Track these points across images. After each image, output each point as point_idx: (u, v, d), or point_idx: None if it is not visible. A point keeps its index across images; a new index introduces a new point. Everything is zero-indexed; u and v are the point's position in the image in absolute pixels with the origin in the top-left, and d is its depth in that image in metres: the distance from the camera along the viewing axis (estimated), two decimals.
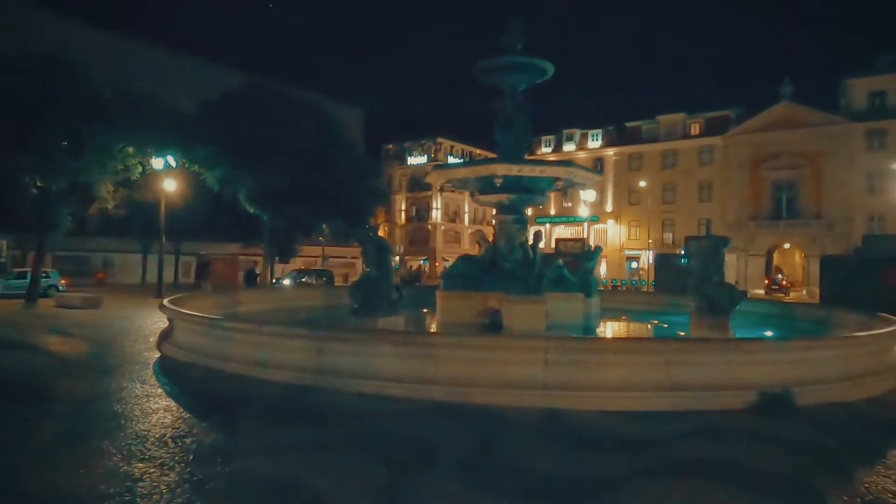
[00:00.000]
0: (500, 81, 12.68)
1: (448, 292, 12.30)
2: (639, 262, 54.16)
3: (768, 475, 4.75)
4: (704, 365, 7.08)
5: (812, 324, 12.99)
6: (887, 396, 7.91)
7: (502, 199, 12.46)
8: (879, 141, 45.71)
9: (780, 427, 6.15)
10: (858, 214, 45.71)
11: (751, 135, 50.04)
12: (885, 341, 8.94)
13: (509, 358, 7.02)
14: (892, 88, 46.15)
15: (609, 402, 6.69)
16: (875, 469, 5.00)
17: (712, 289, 10.78)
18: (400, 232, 68.53)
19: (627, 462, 4.96)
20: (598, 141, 59.81)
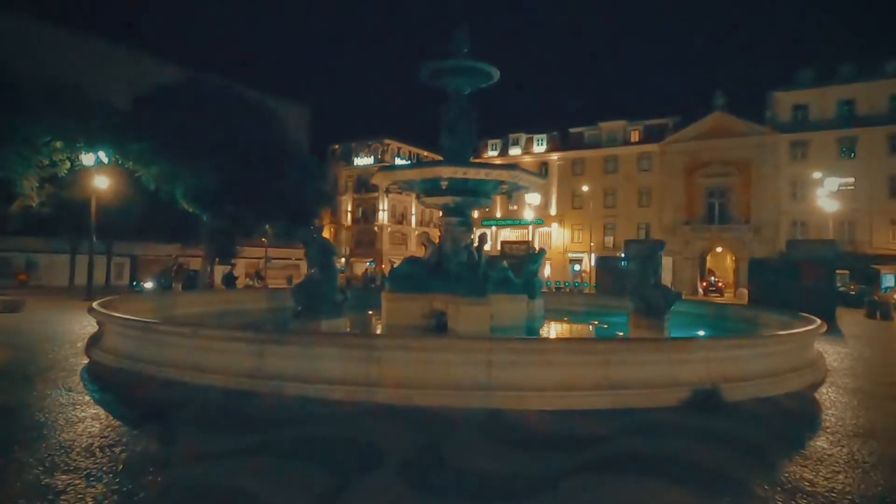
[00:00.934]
0: (445, 84, 12.74)
1: (393, 294, 12.25)
2: (581, 265, 55.55)
3: (698, 468, 4.96)
4: (641, 364, 7.33)
5: (741, 323, 13.69)
6: (807, 391, 8.42)
7: (448, 202, 12.52)
8: (802, 151, 48.67)
9: (710, 422, 6.44)
10: (783, 220, 48.51)
11: (686, 143, 52.32)
12: (805, 340, 9.54)
13: (453, 359, 7.05)
14: (813, 102, 49.23)
15: (551, 401, 6.83)
16: (794, 459, 5.31)
17: (649, 290, 11.18)
18: (346, 233, 67.75)
19: (567, 459, 5.07)
20: (543, 146, 61.02)
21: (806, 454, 5.48)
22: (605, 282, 30.69)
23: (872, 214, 45.88)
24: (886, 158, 45.84)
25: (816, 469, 5.03)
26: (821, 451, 5.55)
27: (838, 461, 5.26)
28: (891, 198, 45.65)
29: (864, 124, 46.48)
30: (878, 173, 45.88)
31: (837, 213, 41.45)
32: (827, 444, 5.79)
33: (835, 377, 9.69)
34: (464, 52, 12.19)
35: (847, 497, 4.41)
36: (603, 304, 17.97)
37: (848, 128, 47.00)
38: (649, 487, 4.48)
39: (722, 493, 4.40)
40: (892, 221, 45.61)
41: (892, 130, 45.67)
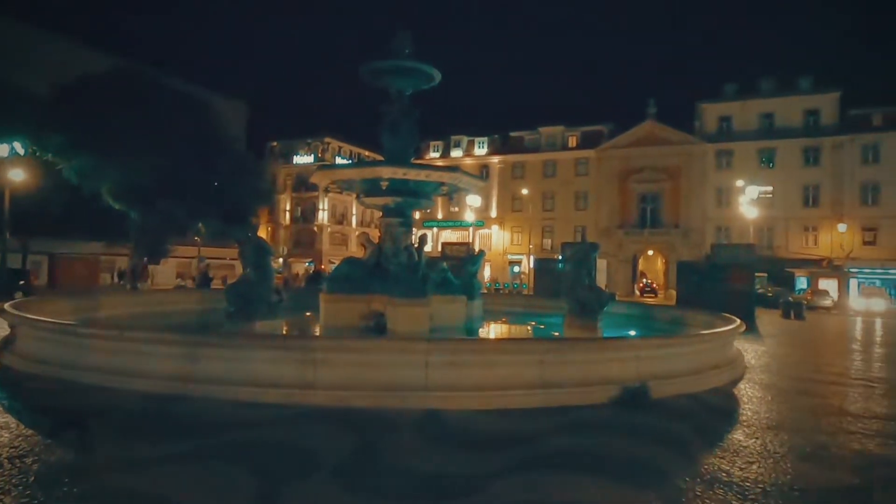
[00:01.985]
0: (387, 84, 12.69)
1: (331, 295, 12.08)
2: (521, 267, 56.57)
3: (626, 462, 5.16)
4: (574, 363, 7.54)
5: (668, 323, 14.30)
6: (727, 387, 8.91)
7: (388, 202, 12.47)
8: (727, 160, 51.48)
9: (638, 418, 6.70)
10: (709, 225, 51.14)
11: (621, 149, 54.32)
12: (726, 339, 10.09)
13: (391, 360, 7.04)
14: (736, 114, 52.20)
15: (488, 401, 6.92)
16: (714, 452, 5.62)
17: (583, 292, 11.53)
18: (284, 233, 66.23)
19: (503, 458, 5.16)
20: (485, 148, 61.77)
21: (724, 446, 5.81)
22: (542, 283, 31.31)
23: (788, 221, 49.11)
24: (801, 169, 49.17)
25: (733, 460, 5.34)
26: (737, 444, 5.90)
27: (752, 452, 5.60)
28: (804, 206, 49.01)
29: (782, 136, 49.70)
30: (793, 183, 49.15)
31: (757, 219, 44.05)
32: (743, 437, 6.16)
33: (752, 374, 10.30)
34: (406, 52, 12.18)
35: (759, 486, 4.70)
36: (540, 305, 18.34)
37: (767, 139, 50.10)
38: (579, 483, 4.63)
39: (647, 486, 4.59)
40: (805, 228, 48.98)
41: (806, 143, 49.03)
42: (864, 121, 47.95)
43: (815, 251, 47.74)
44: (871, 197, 47.07)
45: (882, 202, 46.60)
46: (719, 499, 4.42)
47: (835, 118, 48.92)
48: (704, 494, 4.48)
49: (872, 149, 47.16)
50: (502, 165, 60.13)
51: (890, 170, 46.29)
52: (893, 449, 5.91)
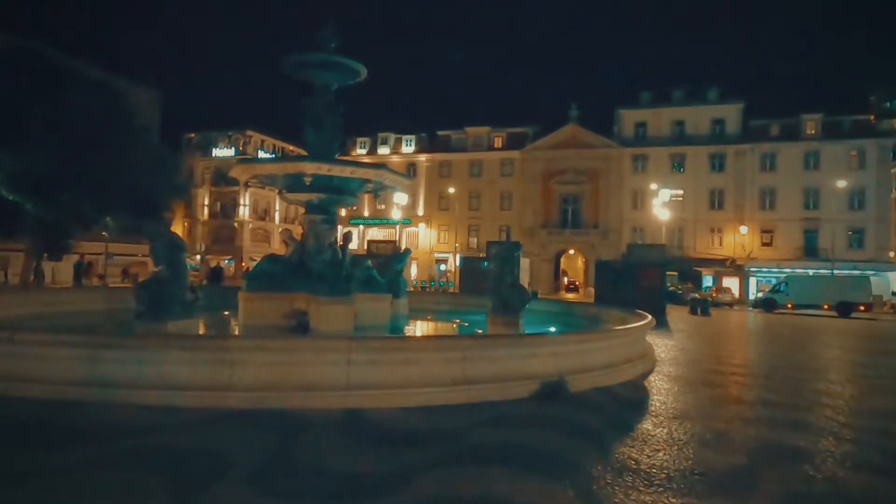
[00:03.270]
0: (312, 78, 12.41)
1: (251, 293, 11.69)
2: (447, 265, 57.02)
3: (543, 455, 5.32)
4: (496, 359, 7.69)
5: (586, 320, 14.87)
6: (639, 380, 9.39)
7: (312, 199, 12.21)
8: (642, 164, 54.19)
9: (555, 411, 6.92)
10: (626, 226, 53.65)
11: (544, 151, 55.94)
12: (638, 334, 10.63)
13: (311, 359, 6.89)
14: (651, 120, 55.06)
15: (411, 398, 6.93)
16: (624, 441, 5.90)
17: (506, 290, 11.77)
18: (202, 229, 63.39)
19: (423, 455, 5.18)
20: (412, 146, 61.76)
21: (634, 436, 6.12)
22: (468, 281, 31.70)
23: (696, 223, 52.39)
24: (708, 174, 52.57)
25: (641, 449, 5.63)
26: (646, 433, 6.23)
27: (659, 440, 5.93)
28: (711, 209, 52.44)
29: (691, 143, 52.94)
30: (701, 187, 52.48)
31: (669, 220, 46.74)
32: (651, 426, 6.51)
33: (662, 367, 10.91)
34: (331, 46, 11.95)
35: (664, 472, 4.99)
36: (465, 303, 18.56)
37: (679, 145, 53.21)
38: (498, 476, 4.72)
39: (562, 476, 4.75)
40: (711, 230, 52.41)
41: (712, 150, 52.46)
42: (764, 131, 51.96)
43: (720, 251, 51.18)
44: (769, 202, 51.05)
45: (778, 207, 50.66)
46: (628, 485, 4.64)
47: (738, 128, 52.64)
48: (614, 482, 4.70)
49: (770, 157, 51.16)
50: (429, 164, 60.35)
51: (785, 177, 50.42)
52: (781, 433, 6.43)
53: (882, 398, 8.93)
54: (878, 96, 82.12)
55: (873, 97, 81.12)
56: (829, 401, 8.44)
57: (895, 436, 6.60)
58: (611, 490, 4.53)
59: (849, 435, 6.50)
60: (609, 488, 4.57)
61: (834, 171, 48.42)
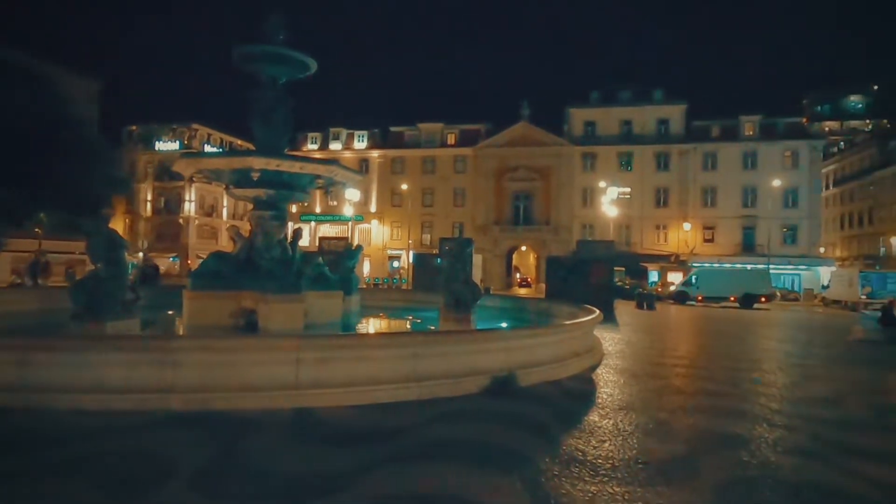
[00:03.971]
0: (259, 71, 12.09)
1: (197, 292, 11.32)
2: (400, 262, 56.83)
3: (492, 449, 5.38)
4: (447, 355, 7.72)
5: (537, 315, 15.12)
6: (587, 373, 9.61)
7: (260, 194, 11.92)
8: (591, 163, 55.43)
9: (505, 406, 7.02)
10: (576, 223, 54.78)
11: (496, 149, 56.44)
12: (586, 328, 10.87)
13: (259, 359, 6.75)
14: (600, 120, 56.36)
15: (362, 396, 6.88)
16: (572, 433, 6.03)
17: (458, 286, 11.82)
18: (145, 225, 61.02)
19: (374, 452, 5.15)
20: (364, 142, 61.20)
21: (581, 428, 6.26)
22: (421, 278, 31.68)
23: (643, 220, 54.03)
24: (654, 173, 54.27)
25: (588, 440, 5.77)
26: (593, 424, 6.39)
27: (605, 432, 6.09)
28: (656, 206, 54.18)
29: (638, 142, 54.51)
30: (648, 185, 54.14)
31: (617, 217, 47.97)
32: (598, 418, 6.68)
33: (609, 360, 11.20)
34: (279, 38, 11.68)
35: (609, 462, 5.13)
36: (418, 300, 18.56)
37: (626, 144, 54.69)
38: (447, 471, 4.75)
39: (511, 470, 4.82)
40: (657, 226, 54.17)
41: (658, 149, 54.17)
42: (705, 131, 54.03)
43: (665, 247, 52.94)
44: (711, 199, 53.16)
45: (719, 204, 52.82)
46: (574, 476, 4.75)
47: (682, 128, 54.54)
48: (562, 474, 4.80)
49: (711, 157, 53.26)
50: (382, 160, 59.96)
51: (725, 176, 52.59)
52: (719, 421, 6.72)
53: (812, 386, 9.44)
54: (809, 100, 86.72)
55: (805, 101, 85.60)
56: (764, 389, 8.87)
57: (823, 421, 6.99)
58: (558, 481, 4.63)
59: (781, 421, 6.84)
60: (556, 480, 4.66)
61: (770, 171, 50.86)
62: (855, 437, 6.30)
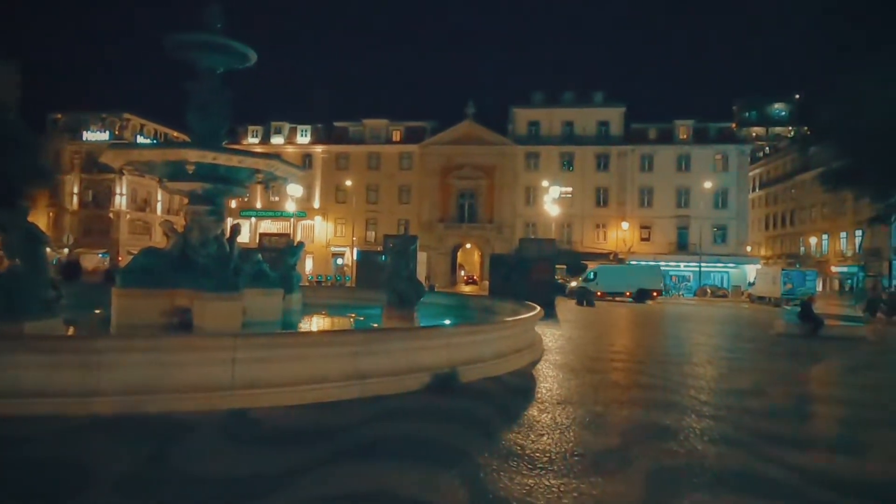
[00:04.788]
0: (196, 60, 11.63)
1: (126, 290, 10.79)
2: (344, 259, 56.14)
3: (433, 445, 5.39)
4: (388, 353, 7.67)
5: (480, 312, 15.27)
6: (528, 368, 9.78)
7: (196, 188, 11.48)
8: (535, 162, 56.43)
9: (447, 402, 7.05)
10: (519, 221, 55.64)
11: (442, 146, 56.58)
12: (527, 325, 11.06)
13: (192, 359, 6.50)
14: (543, 120, 57.44)
15: (301, 395, 6.74)
16: (511, 428, 6.13)
17: (401, 283, 11.80)
18: (71, 219, 57.76)
19: (312, 453, 5.06)
20: (308, 137, 60.06)
21: (520, 422, 6.37)
22: (366, 276, 31.39)
23: (584, 219, 55.50)
24: (594, 173, 55.82)
25: (527, 434, 5.88)
26: (531, 419, 6.51)
27: (543, 426, 6.22)
28: (597, 206, 55.77)
29: (580, 143, 55.91)
30: (588, 185, 55.64)
31: (559, 216, 49.05)
32: (537, 412, 6.81)
33: (549, 355, 11.44)
34: (217, 26, 11.27)
35: (547, 455, 5.24)
36: (362, 298, 18.38)
37: (568, 145, 56.00)
38: (386, 470, 4.72)
39: (451, 465, 4.84)
40: (597, 225, 55.76)
41: (598, 150, 55.75)
42: (643, 134, 56.02)
43: (605, 246, 54.57)
44: (647, 199, 55.18)
45: (655, 204, 54.89)
46: (513, 470, 4.82)
47: (621, 130, 56.31)
48: (500, 468, 4.86)
49: (648, 158, 55.29)
50: (326, 156, 59.01)
51: (661, 177, 54.71)
52: (651, 413, 6.98)
53: (737, 377, 9.95)
54: (738, 107, 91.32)
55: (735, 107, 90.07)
56: (693, 382, 9.28)
57: (746, 411, 7.37)
58: (496, 475, 4.68)
59: (708, 412, 7.18)
60: (495, 474, 4.71)
61: (702, 173, 53.27)
62: (775, 425, 6.68)
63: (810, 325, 17.31)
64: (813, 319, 17.43)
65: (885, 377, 10.94)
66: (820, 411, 7.90)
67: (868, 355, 13.89)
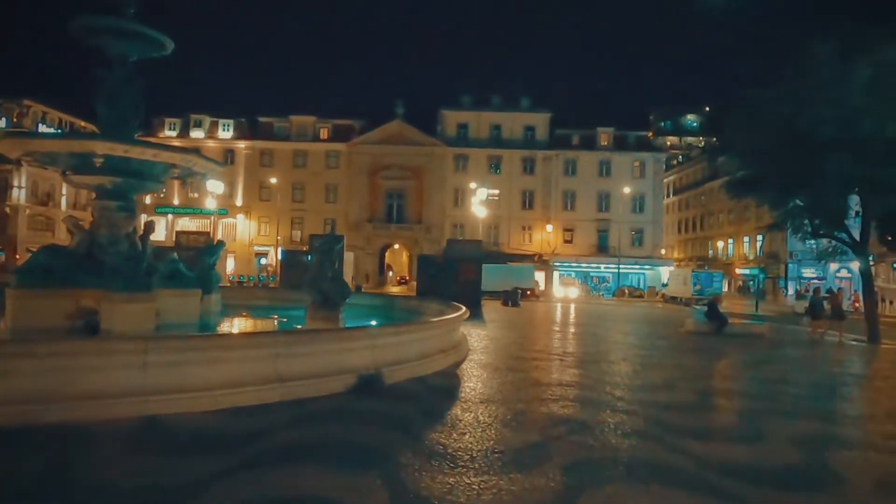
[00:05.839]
0: (106, 46, 10.94)
1: (24, 290, 9.98)
2: (268, 258, 54.53)
3: (355, 448, 5.35)
4: (311, 355, 7.54)
5: (407, 312, 15.27)
6: (452, 368, 9.88)
7: (104, 183, 10.79)
8: (463, 164, 57.08)
9: (371, 404, 7.01)
10: (447, 222, 56.11)
11: (370, 146, 56.16)
12: (452, 325, 11.18)
13: (98, 364, 6.11)
14: (472, 122, 58.22)
15: (219, 400, 6.50)
16: (434, 427, 6.17)
17: (326, 284, 11.59)
18: None
19: (228, 459, 4.88)
20: (230, 132, 57.92)
21: (444, 422, 6.43)
22: (291, 276, 30.62)
23: (510, 221, 56.72)
24: (521, 176, 57.19)
25: (449, 433, 5.94)
26: (455, 418, 6.58)
27: (466, 424, 6.31)
28: (523, 208, 57.17)
29: (507, 146, 57.11)
30: (515, 188, 56.92)
31: (486, 218, 49.86)
32: (460, 412, 6.90)
33: (474, 355, 11.61)
34: (130, 11, 10.65)
35: (468, 453, 5.31)
36: (286, 298, 17.91)
37: (496, 148, 57.07)
38: (306, 474, 4.63)
39: (372, 467, 4.82)
40: (523, 227, 57.17)
41: (525, 154, 57.16)
42: (567, 139, 57.98)
43: (530, 247, 56.00)
44: (571, 203, 57.16)
45: (578, 208, 56.95)
46: (434, 469, 4.86)
47: (546, 135, 58.01)
48: (422, 468, 4.89)
49: (572, 163, 57.29)
50: (249, 151, 57.10)
51: (584, 182, 56.83)
52: (570, 410, 7.24)
53: (649, 374, 10.49)
54: (654, 117, 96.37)
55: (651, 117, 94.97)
56: (610, 378, 9.71)
57: (657, 405, 7.79)
58: (418, 475, 4.70)
59: (622, 407, 7.53)
60: (417, 474, 4.74)
61: (621, 179, 55.83)
62: (681, 417, 7.11)
63: (716, 323, 18.52)
64: (718, 318, 18.65)
65: (778, 370, 11.88)
66: (721, 404, 8.47)
67: (765, 351, 15.04)
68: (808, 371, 12.40)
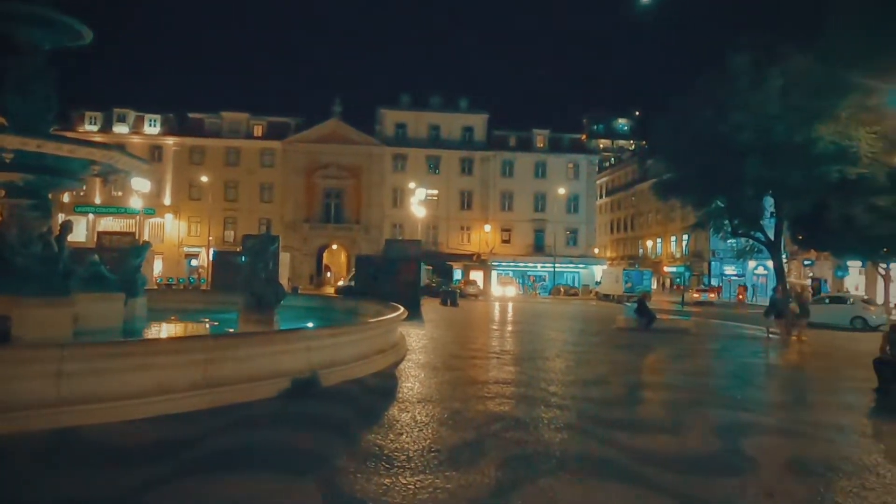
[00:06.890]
0: (15, 33, 10.21)
1: None
2: (199, 260, 52.49)
3: (288, 452, 5.24)
4: (242, 359, 7.31)
5: (344, 313, 15.10)
6: (390, 369, 9.85)
7: (15, 180, 10.05)
8: (402, 164, 56.94)
9: (306, 407, 6.89)
10: (386, 222, 55.81)
11: (307, 144, 55.10)
12: (391, 325, 11.14)
13: (8, 373, 5.69)
14: (410, 122, 58.18)
15: (144, 409, 6.20)
16: (371, 429, 6.14)
17: (259, 286, 11.28)
18: None
19: (154, 469, 4.67)
20: (157, 127, 55.38)
21: (380, 423, 6.40)
22: (223, 278, 29.55)
23: (449, 221, 57.05)
24: (459, 177, 57.62)
25: (386, 434, 5.92)
26: (392, 419, 6.57)
27: (403, 425, 6.31)
28: (461, 209, 57.63)
29: (446, 147, 57.41)
30: (453, 188, 57.28)
31: (425, 218, 49.95)
32: (397, 412, 6.88)
33: (413, 355, 11.61)
34: None
35: (405, 453, 5.31)
36: (218, 301, 17.29)
37: (435, 148, 57.26)
38: (237, 481, 4.49)
39: (306, 472, 4.73)
40: (461, 227, 57.63)
41: (463, 155, 57.65)
42: (504, 141, 58.92)
43: (469, 247, 56.56)
44: (508, 204, 58.12)
45: (515, 208, 57.98)
46: (370, 471, 4.83)
47: (484, 136, 58.72)
48: (358, 470, 4.84)
49: (509, 164, 58.26)
50: (178, 148, 54.76)
51: (520, 182, 57.92)
52: (506, 407, 7.37)
53: (582, 369, 10.83)
54: (588, 120, 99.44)
55: (585, 120, 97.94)
56: (544, 375, 9.95)
57: (588, 399, 8.05)
58: (353, 478, 4.66)
59: (556, 402, 7.74)
60: (352, 476, 4.69)
61: (556, 180, 57.25)
62: (611, 411, 7.38)
63: (645, 319, 19.32)
64: (647, 314, 19.46)
65: (701, 363, 12.54)
66: (648, 396, 8.84)
67: (689, 345, 15.82)
68: (729, 363, 13.14)
